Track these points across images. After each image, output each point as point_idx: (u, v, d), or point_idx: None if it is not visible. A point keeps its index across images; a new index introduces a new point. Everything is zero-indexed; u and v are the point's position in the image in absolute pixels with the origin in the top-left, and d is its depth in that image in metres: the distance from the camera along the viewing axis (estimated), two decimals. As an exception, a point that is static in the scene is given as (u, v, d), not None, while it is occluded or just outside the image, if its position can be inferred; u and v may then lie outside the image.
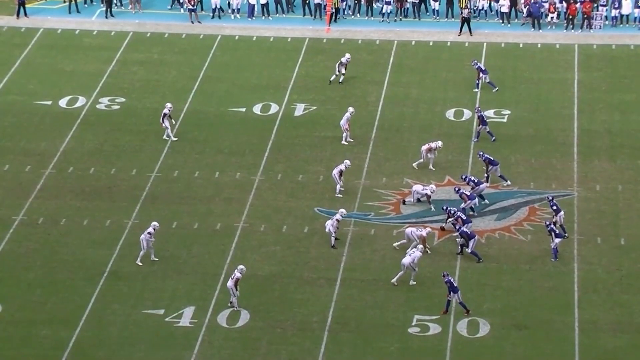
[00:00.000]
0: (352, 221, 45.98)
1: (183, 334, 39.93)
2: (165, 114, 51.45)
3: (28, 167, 49.55)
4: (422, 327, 40.25)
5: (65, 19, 62.95)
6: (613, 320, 40.60)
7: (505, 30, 61.64)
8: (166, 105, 51.94)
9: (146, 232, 43.24)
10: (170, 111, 51.61)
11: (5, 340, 39.67)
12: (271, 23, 62.67)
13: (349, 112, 51.44)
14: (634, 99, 54.78)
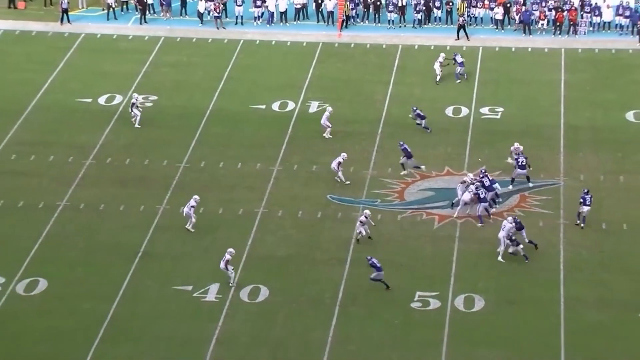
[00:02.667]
0: (360, 207, 46.14)
1: (209, 308, 40.23)
2: (133, 104, 52.36)
3: (70, 158, 49.78)
4: (424, 302, 40.46)
5: (104, 25, 63.11)
6: (595, 297, 40.78)
7: (499, 36, 61.64)
8: (134, 95, 52.90)
9: (189, 205, 43.95)
10: (137, 101, 52.54)
11: (51, 312, 40.07)
12: (288, 29, 62.73)
13: (328, 111, 51.65)
14: (614, 98, 54.80)
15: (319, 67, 58.45)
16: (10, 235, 44.51)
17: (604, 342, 38.60)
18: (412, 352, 38.19)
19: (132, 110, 52.38)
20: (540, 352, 38.26)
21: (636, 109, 53.69)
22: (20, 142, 51.19)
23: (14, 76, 56.86)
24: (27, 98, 54.75)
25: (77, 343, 38.57)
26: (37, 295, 41.12)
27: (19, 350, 38.35)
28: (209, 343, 38.47)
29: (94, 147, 50.60)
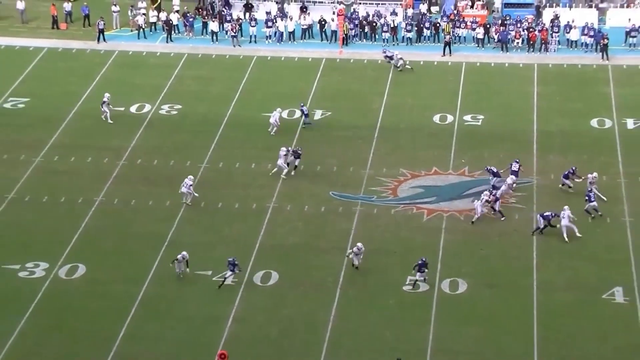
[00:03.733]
0: (359, 203, 45.96)
1: (226, 291, 40.08)
2: (104, 102, 52.56)
3: (106, 159, 49.55)
4: (414, 286, 40.32)
5: (135, 43, 62.85)
6: (564, 281, 40.65)
7: (480, 53, 61.30)
8: (105, 94, 53.02)
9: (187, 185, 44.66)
10: (108, 100, 52.76)
11: (88, 294, 40.06)
12: (296, 47, 62.50)
13: (278, 111, 51.60)
14: (581, 107, 54.46)
15: (323, 80, 58.16)
16: (54, 226, 44.39)
17: (572, 321, 38.47)
18: (404, 330, 38.07)
19: (102, 107, 52.63)
20: (516, 329, 38.10)
21: (599, 117, 53.38)
22: (62, 145, 51.00)
23: (57, 88, 56.81)
24: (68, 107, 54.52)
25: (111, 321, 38.52)
26: (77, 279, 41.09)
27: (61, 327, 38.34)
28: (227, 321, 38.39)
29: (126, 150, 50.36)
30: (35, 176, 48.17)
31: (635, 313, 38.76)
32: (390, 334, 37.79)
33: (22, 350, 37.00)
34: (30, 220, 44.80)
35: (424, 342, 37.33)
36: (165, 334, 37.88)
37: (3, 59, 60.79)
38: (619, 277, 40.64)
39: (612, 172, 48.01)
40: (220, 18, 63.91)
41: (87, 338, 37.64)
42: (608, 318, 38.62)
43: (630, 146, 50.14)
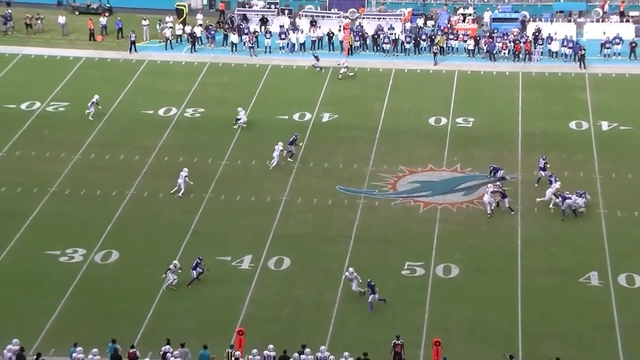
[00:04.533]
0: (362, 196, 45.92)
1: (244, 274, 40.15)
2: (93, 102, 53.15)
3: (137, 157, 49.53)
4: (411, 270, 40.34)
5: (163, 53, 62.76)
6: (545, 266, 40.63)
7: (471, 62, 61.12)
8: (94, 96, 53.46)
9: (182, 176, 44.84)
10: (97, 101, 53.31)
11: (121, 277, 40.16)
12: (306, 56, 62.36)
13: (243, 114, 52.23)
14: (560, 110, 54.33)
15: (330, 86, 58.02)
16: (90, 217, 44.42)
17: (552, 302, 38.46)
18: (402, 309, 38.08)
19: (90, 107, 53.22)
20: (502, 308, 38.12)
21: (577, 119, 53.24)
22: (98, 144, 51.01)
23: (93, 93, 56.35)
24: (103, 110, 54.40)
25: (141, 301, 38.62)
26: (111, 263, 41.16)
27: (96, 306, 38.45)
28: (244, 301, 38.40)
29: (154, 149, 50.34)
30: (74, 172, 48.21)
31: (609, 295, 38.72)
32: (389, 313, 37.77)
33: (63, 326, 37.10)
34: (70, 211, 44.84)
35: (420, 320, 37.34)
36: (189, 313, 37.93)
37: (46, 68, 60.82)
38: (595, 263, 40.60)
39: (588, 169, 47.94)
40: (239, 31, 63.87)
41: (120, 316, 37.72)
42: (584, 299, 38.60)
43: (605, 146, 50.05)
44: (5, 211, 44.70)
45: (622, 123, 52.71)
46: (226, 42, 63.81)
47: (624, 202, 44.94)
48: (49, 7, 69.87)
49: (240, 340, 35.10)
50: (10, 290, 39.27)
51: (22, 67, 60.95)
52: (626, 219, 43.57)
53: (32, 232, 43.11)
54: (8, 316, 37.61)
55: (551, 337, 36.42)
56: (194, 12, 67.96)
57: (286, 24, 64.76)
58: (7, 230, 43.00)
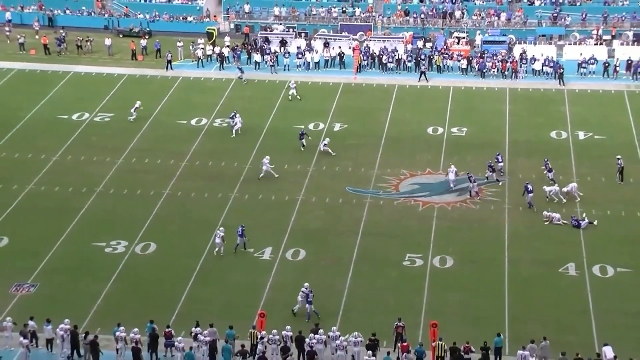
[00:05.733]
0: (368, 196, 45.71)
1: (264, 264, 40.03)
2: (136, 107, 53.80)
3: (172, 161, 49.41)
4: (412, 261, 40.13)
5: (195, 71, 62.56)
6: (529, 258, 40.37)
7: (464, 79, 60.78)
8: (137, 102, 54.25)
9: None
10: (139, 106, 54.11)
11: (158, 266, 40.01)
12: (320, 73, 62.24)
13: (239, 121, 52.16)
14: (543, 122, 53.94)
15: (341, 100, 57.78)
16: (131, 213, 44.36)
17: (535, 289, 38.25)
18: (404, 296, 37.90)
19: (133, 112, 53.85)
20: (491, 295, 37.90)
21: (557, 129, 52.87)
22: (138, 149, 50.96)
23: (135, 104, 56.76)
24: (143, 120, 54.41)
25: (176, 286, 38.56)
26: (149, 254, 41.06)
27: (136, 291, 38.48)
28: (265, 288, 38.29)
29: (187, 154, 50.22)
30: (118, 174, 48.15)
31: (585, 284, 38.46)
32: (392, 299, 37.61)
33: (107, 309, 37.08)
34: (114, 208, 44.81)
35: (419, 305, 37.14)
36: (217, 297, 37.85)
37: (94, 84, 60.78)
38: (572, 255, 40.33)
39: (567, 173, 47.58)
40: (261, 51, 63.73)
41: (157, 300, 37.67)
42: (563, 287, 38.34)
43: (581, 153, 49.69)
44: (59, 208, 44.71)
45: (596, 133, 52.32)
46: (250, 61, 63.72)
47: (598, 202, 44.60)
48: (97, 30, 69.92)
49: (262, 322, 34.96)
50: (62, 276, 39.29)
51: (73, 83, 60.97)
52: (600, 216, 43.21)
53: (81, 226, 43.10)
54: (60, 299, 37.65)
55: (534, 320, 36.17)
56: (222, 35, 67.90)
57: (303, 46, 64.61)
58: (60, 225, 43.01)
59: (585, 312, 36.66)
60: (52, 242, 41.57)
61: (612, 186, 46.33)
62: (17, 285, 38.42)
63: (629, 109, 55.50)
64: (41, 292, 38.10)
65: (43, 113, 55.89)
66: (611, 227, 42.59)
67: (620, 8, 68.16)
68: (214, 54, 64.18)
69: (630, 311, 36.71)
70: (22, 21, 71.55)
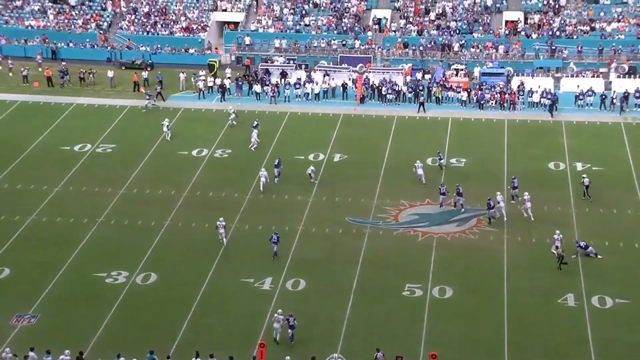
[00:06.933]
0: (368, 226, 45.76)
1: (265, 294, 39.98)
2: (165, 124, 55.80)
3: (173, 191, 49.51)
4: (411, 291, 40.04)
5: (196, 102, 62.91)
6: (528, 287, 40.32)
7: (463, 110, 61.16)
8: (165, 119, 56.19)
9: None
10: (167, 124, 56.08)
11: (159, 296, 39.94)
12: (320, 104, 62.60)
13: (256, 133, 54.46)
14: (540, 153, 54.08)
15: (341, 130, 58.00)
16: (132, 243, 44.40)
17: (534, 319, 38.16)
18: (403, 325, 37.82)
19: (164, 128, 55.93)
20: (490, 324, 37.84)
21: (555, 161, 53.02)
22: (140, 180, 51.09)
23: (137, 135, 57.08)
24: (145, 150, 54.70)
25: (177, 316, 38.49)
26: (150, 284, 41.01)
27: (137, 321, 38.42)
28: (265, 318, 38.15)
29: (188, 184, 50.34)
30: (119, 204, 48.22)
31: (583, 314, 38.38)
32: (392, 328, 37.51)
33: (108, 339, 36.98)
34: (115, 239, 44.82)
35: (418, 336, 37.02)
36: (217, 327, 37.73)
37: (96, 115, 61.02)
38: (571, 286, 40.26)
39: (565, 204, 47.68)
40: (262, 83, 64.17)
41: (157, 330, 37.57)
42: (562, 317, 38.26)
43: (579, 184, 49.56)
44: (60, 238, 44.75)
45: (594, 164, 52.46)
46: (251, 92, 64.08)
47: (596, 233, 44.59)
48: (99, 62, 70.41)
49: (262, 352, 34.89)
50: (63, 306, 39.24)
51: (76, 114, 61.22)
52: (598, 248, 43.14)
53: (83, 257, 43.10)
54: (61, 330, 37.55)
55: (533, 349, 36.09)
56: (223, 67, 68.35)
57: (303, 77, 65.00)
58: (61, 255, 43.03)
59: (585, 342, 36.56)
60: (53, 272, 41.56)
61: (610, 217, 46.37)
62: (18, 316, 38.37)
63: (626, 141, 55.72)
64: (42, 323, 38.03)
65: (46, 144, 56.14)
66: (610, 258, 42.56)
67: (616, 41, 68.65)
68: (215, 85, 64.57)
69: (630, 342, 36.62)
70: (25, 54, 72.05)
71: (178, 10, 76.35)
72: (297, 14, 74.81)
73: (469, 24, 72.15)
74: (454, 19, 72.70)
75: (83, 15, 76.06)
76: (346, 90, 63.15)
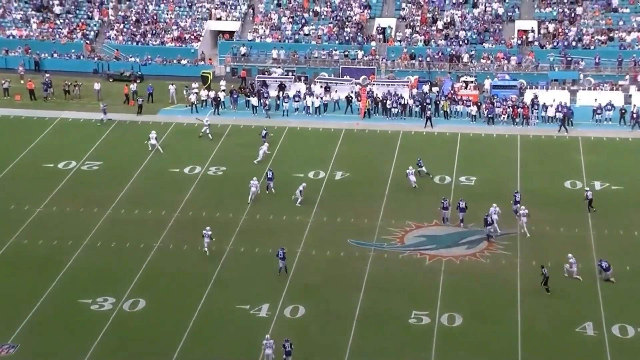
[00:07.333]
0: (372, 249, 45.70)
1: (261, 321, 39.78)
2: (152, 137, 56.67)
3: (163, 211, 49.44)
4: (418, 318, 39.89)
5: (188, 116, 62.95)
6: (544, 316, 40.16)
7: (473, 125, 61.27)
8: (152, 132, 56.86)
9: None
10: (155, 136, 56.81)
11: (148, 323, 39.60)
12: (320, 119, 62.67)
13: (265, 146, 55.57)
14: (556, 171, 54.10)
15: (342, 147, 57.98)
16: (120, 267, 44.26)
17: (550, 349, 37.95)
18: (409, 355, 37.61)
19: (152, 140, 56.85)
20: (503, 355, 37.61)
21: (571, 179, 53.03)
22: (128, 199, 51.06)
23: (126, 151, 57.08)
24: (133, 167, 54.70)
25: (167, 345, 38.30)
26: (138, 311, 40.83)
27: (124, 350, 38.20)
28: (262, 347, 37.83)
29: (180, 204, 50.30)
30: (106, 226, 48.15)
31: (603, 344, 38.17)
32: (397, 358, 37.30)
33: (93, 370, 36.87)
34: (101, 262, 44.68)
35: (426, 366, 36.93)
36: (211, 357, 37.51)
37: (82, 130, 61.12)
38: (590, 314, 40.10)
39: (583, 226, 47.57)
40: (259, 95, 64.27)
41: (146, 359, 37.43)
42: (580, 348, 38.05)
43: (598, 204, 49.52)
44: (42, 262, 44.63)
45: (613, 183, 52.44)
46: (248, 104, 64.16)
47: (616, 257, 44.34)
48: (86, 74, 70.61)
49: (258, 383, 34.74)
50: (45, 336, 39.03)
51: (60, 129, 61.34)
52: (619, 272, 43.04)
53: (66, 282, 42.97)
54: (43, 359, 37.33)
55: (549, 382, 36.03)
56: (217, 79, 68.51)
57: (302, 90, 65.12)
58: (43, 280, 42.88)
59: (604, 374, 36.45)
60: (34, 299, 41.41)
61: (631, 239, 46.29)
62: (-3, 345, 38.26)
63: (647, 158, 55.90)
64: (22, 353, 37.80)
65: (27, 161, 56.16)
66: (631, 284, 42.43)
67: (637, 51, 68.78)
68: (209, 98, 64.65)
69: (653, 373, 36.49)
70: (6, 65, 72.27)
71: (169, 18, 76.61)
72: (296, 22, 75.08)
73: (479, 33, 72.36)
74: (463, 28, 72.94)
75: (68, 24, 76.33)
76: (351, 104, 63.25)
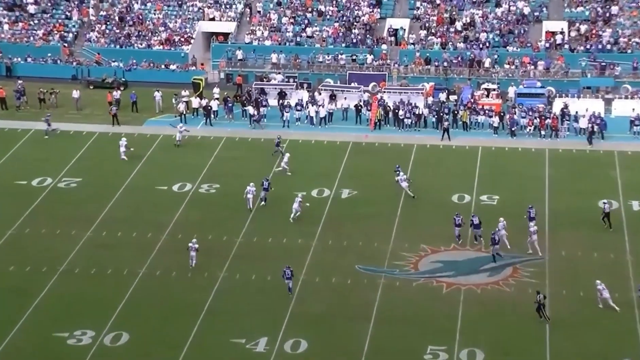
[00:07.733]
0: (382, 275, 45.54)
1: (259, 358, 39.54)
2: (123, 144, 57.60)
3: (150, 234, 49.42)
4: (434, 354, 39.64)
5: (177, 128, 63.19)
6: (575, 352, 39.87)
7: (495, 138, 61.25)
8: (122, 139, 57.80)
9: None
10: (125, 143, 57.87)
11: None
12: (325, 130, 62.72)
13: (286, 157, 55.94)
14: (589, 188, 54.04)
15: (349, 161, 58.09)
16: (101, 296, 44.11)
17: (583, 389, 37.73)
18: (425, 396, 37.41)
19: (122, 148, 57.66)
20: (530, 397, 37.41)
21: (607, 198, 52.60)
22: (110, 220, 51.04)
23: (108, 166, 57.10)
24: (116, 185, 54.78)
25: (151, 385, 38.12)
26: (120, 346, 40.59)
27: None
28: (259, 386, 37.92)
29: (168, 225, 50.25)
30: (85, 250, 48.09)
31: (644, 383, 38.04)
32: (412, 400, 37.17)
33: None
34: (79, 291, 44.54)
35: (443, 408, 36.72)
36: (201, 398, 37.45)
37: (59, 143, 61.26)
38: (628, 349, 39.83)
39: (619, 251, 47.38)
40: (257, 104, 64.31)
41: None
42: (617, 387, 37.91)
43: (637, 227, 49.39)
44: (14, 290, 44.49)
45: (653, 202, 52.53)
46: (244, 114, 64.23)
47: (657, 283, 44.38)
48: (63, 81, 70.78)
49: None
50: (15, 373, 38.97)
51: (34, 142, 61.52)
52: (660, 301, 42.95)
53: (40, 313, 42.80)
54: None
55: None
56: (210, 86, 68.59)
57: (305, 98, 65.13)
58: (15, 311, 42.73)
59: (645, 417, 36.17)
60: (4, 332, 41.24)
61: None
62: (-38, 384, 38.13)
63: (691, 175, 55.76)
64: (-10, 392, 37.84)
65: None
66: (673, 315, 42.29)
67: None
68: (201, 107, 64.71)
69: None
70: (-25, 71, 72.64)
71: (157, 18, 76.79)
72: (298, 23, 75.20)
73: (502, 35, 72.43)
74: (484, 30, 73.02)
75: (44, 25, 76.56)
76: (360, 114, 63.26)
